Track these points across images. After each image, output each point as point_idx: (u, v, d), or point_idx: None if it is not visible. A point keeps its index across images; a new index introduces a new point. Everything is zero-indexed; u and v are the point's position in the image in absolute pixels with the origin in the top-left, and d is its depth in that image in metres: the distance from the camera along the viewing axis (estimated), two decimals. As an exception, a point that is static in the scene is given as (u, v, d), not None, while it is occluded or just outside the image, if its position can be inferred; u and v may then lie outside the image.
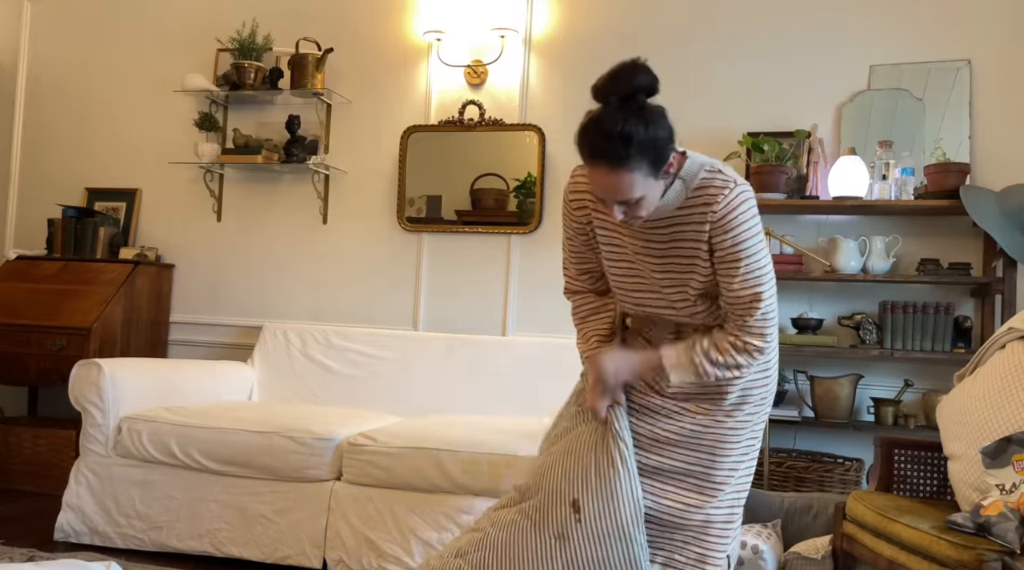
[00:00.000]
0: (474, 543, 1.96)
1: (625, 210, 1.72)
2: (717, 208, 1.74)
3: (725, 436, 1.91)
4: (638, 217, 1.74)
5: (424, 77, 4.17)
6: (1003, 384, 2.27)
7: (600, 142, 1.64)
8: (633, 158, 1.64)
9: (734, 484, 1.94)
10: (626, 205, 1.71)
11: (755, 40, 3.77)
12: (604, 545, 1.86)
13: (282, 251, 4.33)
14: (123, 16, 4.66)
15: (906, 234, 3.53)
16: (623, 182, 1.66)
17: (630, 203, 1.70)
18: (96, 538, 3.20)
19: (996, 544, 1.85)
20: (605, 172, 1.66)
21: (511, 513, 1.98)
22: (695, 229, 1.78)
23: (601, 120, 1.65)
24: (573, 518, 1.88)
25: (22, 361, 3.97)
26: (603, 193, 1.70)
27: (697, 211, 1.77)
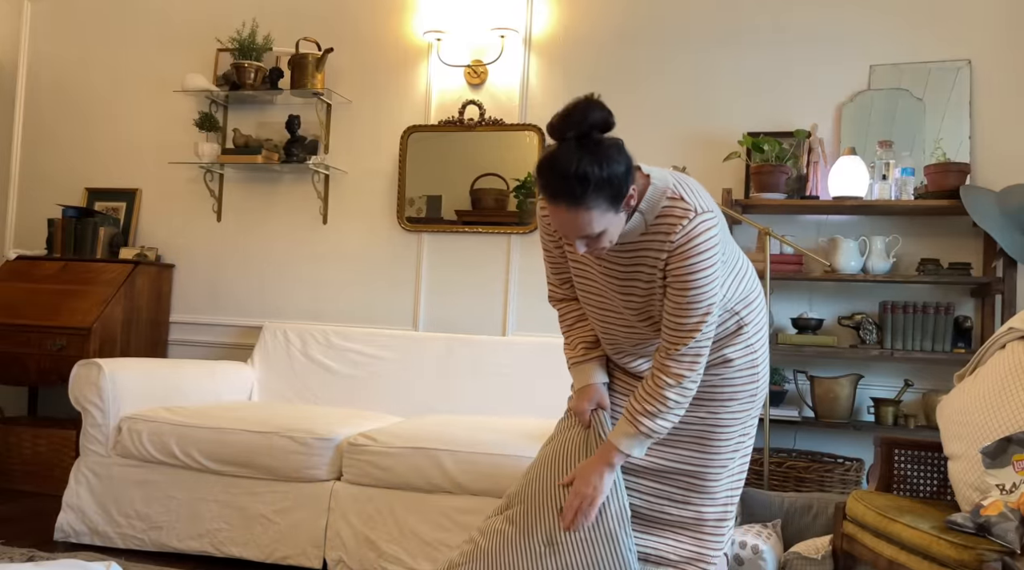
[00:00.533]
0: (465, 555, 1.97)
1: (587, 243, 1.74)
2: (674, 237, 1.75)
3: (713, 433, 1.92)
4: (601, 248, 1.76)
5: (424, 77, 4.17)
6: (1003, 384, 2.27)
7: (557, 182, 1.66)
8: (590, 196, 1.65)
9: (726, 482, 1.94)
10: (587, 239, 1.73)
11: (755, 40, 3.77)
12: (592, 549, 1.87)
13: (282, 251, 4.33)
14: (123, 16, 4.66)
15: (906, 234, 3.53)
16: (582, 219, 1.68)
17: (591, 237, 1.72)
18: (96, 538, 3.20)
19: (996, 544, 1.85)
20: (564, 210, 1.68)
21: (499, 521, 1.98)
22: (654, 256, 1.80)
23: (557, 159, 1.66)
24: (560, 524, 1.89)
25: (22, 361, 3.97)
26: (564, 230, 1.72)
27: (657, 239, 1.79)
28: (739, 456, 1.97)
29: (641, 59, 3.90)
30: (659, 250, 1.79)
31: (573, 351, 2.06)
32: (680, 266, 1.76)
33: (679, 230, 1.75)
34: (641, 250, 1.82)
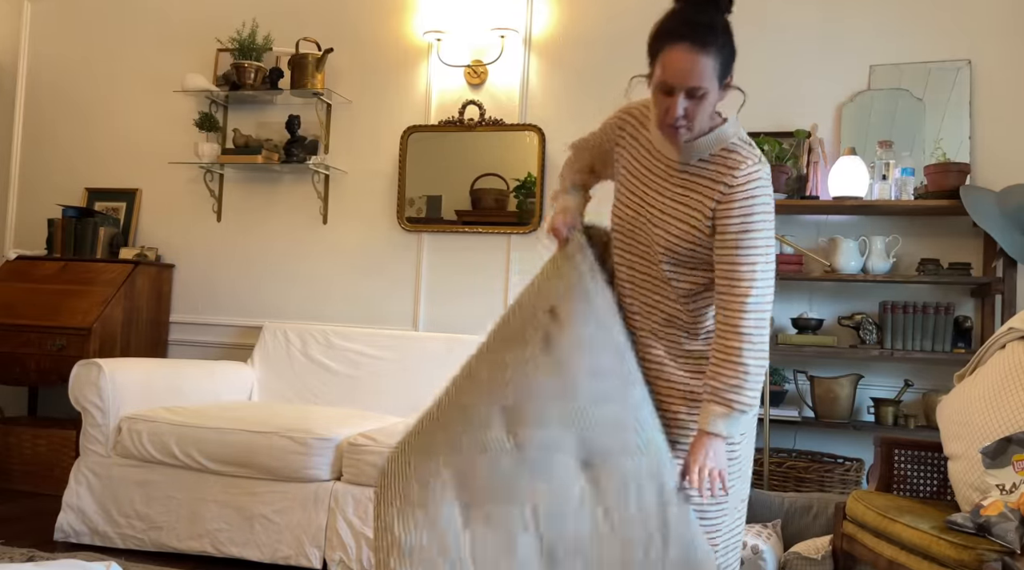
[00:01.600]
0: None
1: (687, 108, 1.72)
2: (735, 177, 1.75)
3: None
4: (691, 123, 1.73)
5: (424, 77, 4.17)
6: (1003, 384, 2.27)
7: (686, 25, 1.69)
8: (713, 46, 1.68)
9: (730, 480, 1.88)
10: (690, 99, 1.71)
11: (755, 40, 3.77)
12: (589, 347, 1.78)
13: (282, 251, 4.33)
14: (123, 16, 4.66)
15: (906, 234, 3.53)
16: (699, 65, 1.68)
17: (695, 97, 1.70)
18: (96, 538, 3.20)
19: (996, 544, 1.85)
20: (685, 52, 1.68)
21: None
22: (705, 193, 1.78)
23: (688, 9, 1.72)
24: (552, 322, 1.78)
25: (22, 361, 3.97)
26: (677, 77, 1.69)
27: (713, 175, 1.78)
28: (736, 461, 1.89)
29: (641, 59, 3.87)
30: (711, 189, 1.77)
31: (567, 180, 2.09)
32: (736, 208, 1.74)
33: (741, 170, 1.75)
34: (696, 177, 1.80)
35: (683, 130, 1.75)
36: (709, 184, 1.78)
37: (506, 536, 1.67)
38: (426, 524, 1.65)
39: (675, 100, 1.71)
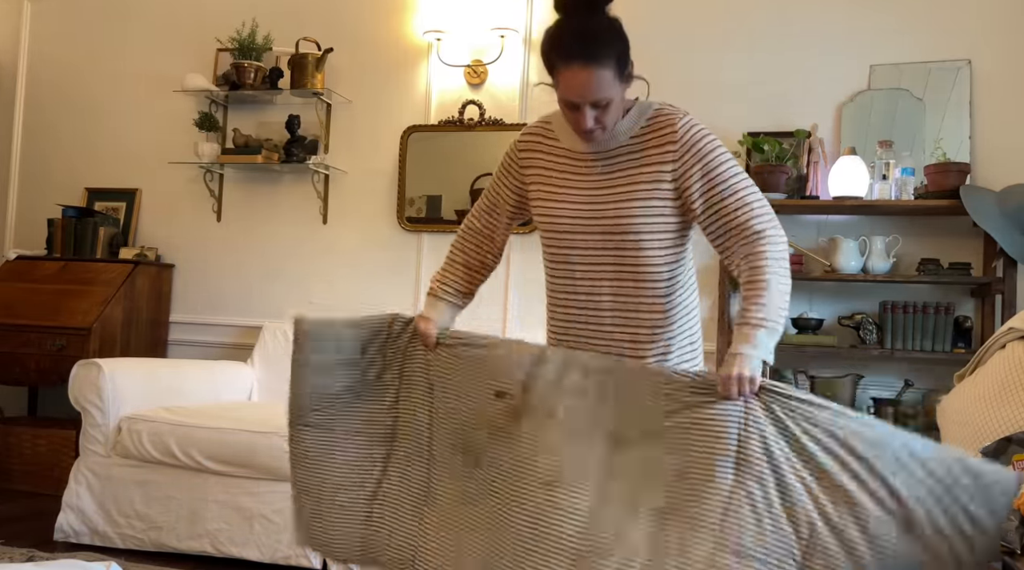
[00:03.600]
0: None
1: (596, 116, 1.75)
2: (677, 136, 1.78)
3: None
4: (604, 126, 1.77)
5: (424, 77, 4.17)
6: (1003, 384, 2.26)
7: (573, 42, 1.71)
8: (604, 54, 1.70)
9: None
10: (597, 110, 1.74)
11: (755, 40, 3.77)
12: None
13: (282, 251, 4.33)
14: (123, 16, 4.66)
15: (906, 234, 3.53)
16: (596, 79, 1.70)
17: (601, 106, 1.74)
18: (96, 538, 3.20)
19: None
20: (579, 69, 1.70)
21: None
22: (655, 166, 1.79)
23: (570, 23, 1.73)
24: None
25: (22, 361, 3.97)
26: (578, 94, 1.72)
27: (656, 145, 1.80)
28: None
29: (641, 59, 3.88)
30: (661, 154, 1.79)
31: (441, 284, 2.03)
32: (699, 158, 1.77)
33: (678, 124, 1.78)
34: (636, 152, 1.81)
35: (598, 133, 1.78)
36: (655, 152, 1.80)
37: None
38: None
39: (583, 113, 1.75)
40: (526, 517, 1.75)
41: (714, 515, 1.61)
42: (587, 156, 1.86)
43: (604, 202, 1.82)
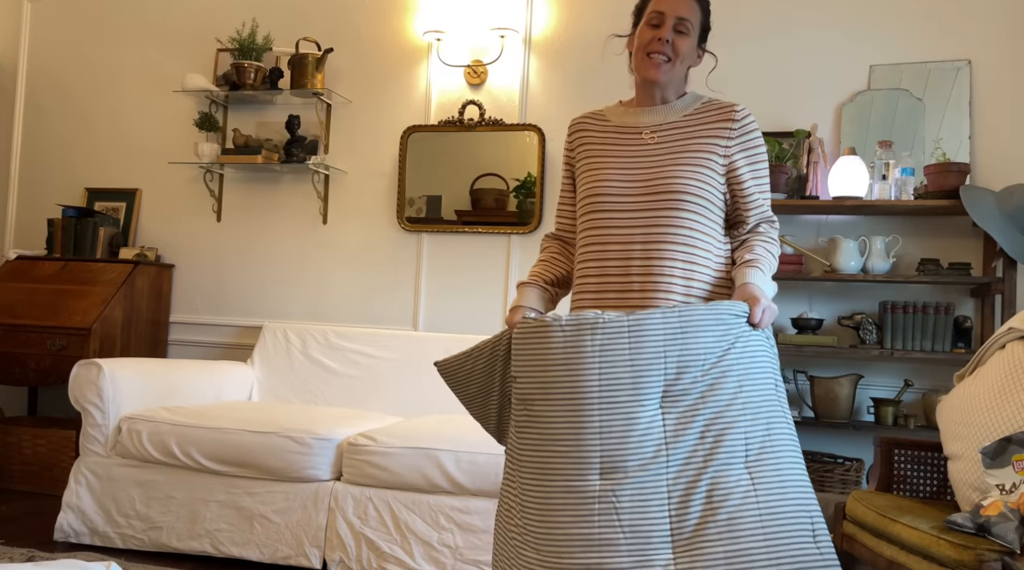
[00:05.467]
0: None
1: (674, 40, 1.89)
2: (736, 120, 1.93)
3: None
4: (676, 54, 1.90)
5: (424, 77, 4.17)
6: (1003, 384, 2.26)
7: None
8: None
9: None
10: (677, 28, 1.89)
11: (755, 40, 3.77)
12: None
13: (282, 251, 4.33)
14: (123, 16, 4.66)
15: (906, 234, 3.53)
16: (689, 3, 1.90)
17: (680, 31, 1.89)
18: (96, 538, 3.20)
19: (996, 544, 1.85)
20: None
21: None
22: (711, 141, 1.91)
23: None
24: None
25: (22, 361, 3.97)
26: (668, 6, 1.88)
27: (713, 114, 1.93)
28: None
29: (641, 59, 3.90)
30: (718, 130, 1.92)
31: (532, 276, 2.05)
32: (751, 145, 1.94)
33: (738, 111, 1.94)
34: (693, 126, 1.92)
35: (664, 62, 1.89)
36: (713, 126, 1.91)
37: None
38: None
39: (664, 29, 1.88)
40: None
41: (793, 445, 1.74)
42: (639, 130, 1.94)
43: (656, 166, 1.89)
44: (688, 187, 1.85)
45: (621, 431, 1.65)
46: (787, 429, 1.75)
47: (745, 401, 1.70)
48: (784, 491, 1.66)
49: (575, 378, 1.68)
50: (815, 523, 1.65)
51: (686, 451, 1.65)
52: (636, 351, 1.67)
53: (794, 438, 1.75)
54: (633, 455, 1.64)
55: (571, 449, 1.67)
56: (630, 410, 1.65)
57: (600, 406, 1.66)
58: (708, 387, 1.68)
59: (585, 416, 1.66)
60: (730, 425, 1.68)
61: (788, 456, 1.71)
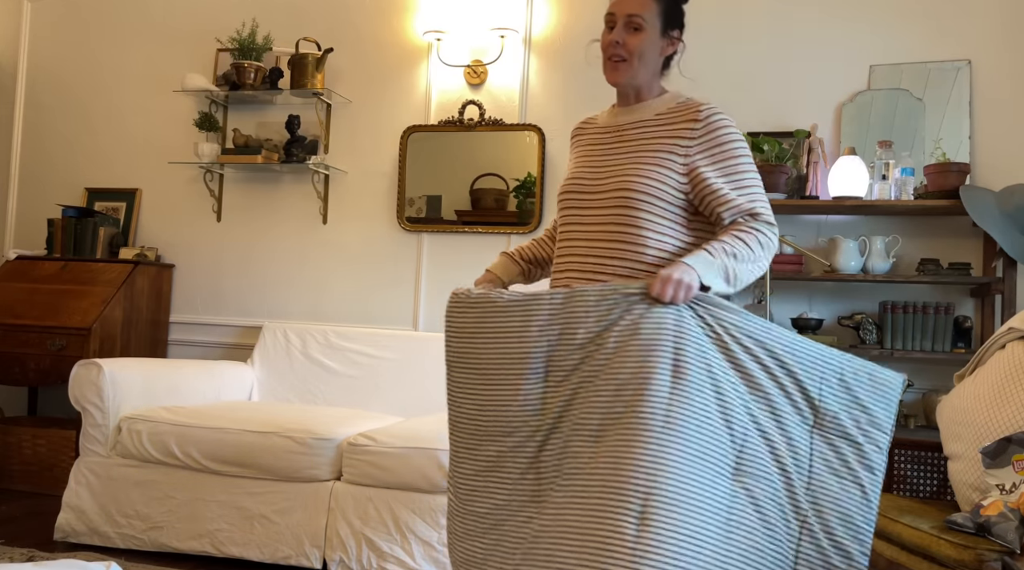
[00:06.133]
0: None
1: (624, 37, 1.88)
2: (700, 118, 1.87)
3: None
4: (628, 52, 1.89)
5: (424, 77, 4.17)
6: (1003, 384, 2.26)
7: None
8: None
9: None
10: (628, 31, 1.88)
11: (755, 40, 3.77)
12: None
13: (282, 251, 4.33)
14: (123, 16, 4.66)
15: (906, 234, 3.53)
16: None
17: (632, 27, 1.88)
18: (96, 538, 3.20)
19: (996, 544, 1.85)
20: None
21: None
22: (673, 141, 1.88)
23: None
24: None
25: (22, 361, 3.97)
26: (618, 5, 1.88)
27: (677, 115, 1.90)
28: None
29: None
30: (679, 130, 1.88)
31: (514, 250, 2.22)
32: (716, 142, 1.86)
33: (703, 109, 1.88)
34: (659, 126, 1.91)
35: (622, 64, 1.90)
36: (676, 127, 1.89)
37: None
38: None
39: (617, 29, 1.89)
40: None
41: (656, 423, 1.63)
42: (616, 128, 1.96)
43: (616, 164, 1.91)
44: (638, 185, 1.86)
45: (507, 400, 1.81)
46: (659, 408, 1.62)
47: (610, 376, 1.70)
48: (617, 468, 1.60)
49: (478, 349, 1.88)
50: (647, 508, 1.55)
51: (553, 419, 1.76)
52: (525, 327, 1.81)
53: (681, 420, 1.62)
54: (516, 422, 1.80)
55: (472, 414, 1.89)
56: (515, 382, 1.80)
57: (496, 376, 1.84)
58: (579, 361, 1.75)
59: (483, 384, 1.87)
60: (587, 399, 1.72)
61: (646, 435, 1.61)
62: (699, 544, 1.54)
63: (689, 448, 1.61)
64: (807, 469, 1.72)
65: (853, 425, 1.75)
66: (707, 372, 1.68)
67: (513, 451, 1.80)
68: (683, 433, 1.62)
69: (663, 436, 1.61)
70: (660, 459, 1.59)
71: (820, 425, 1.74)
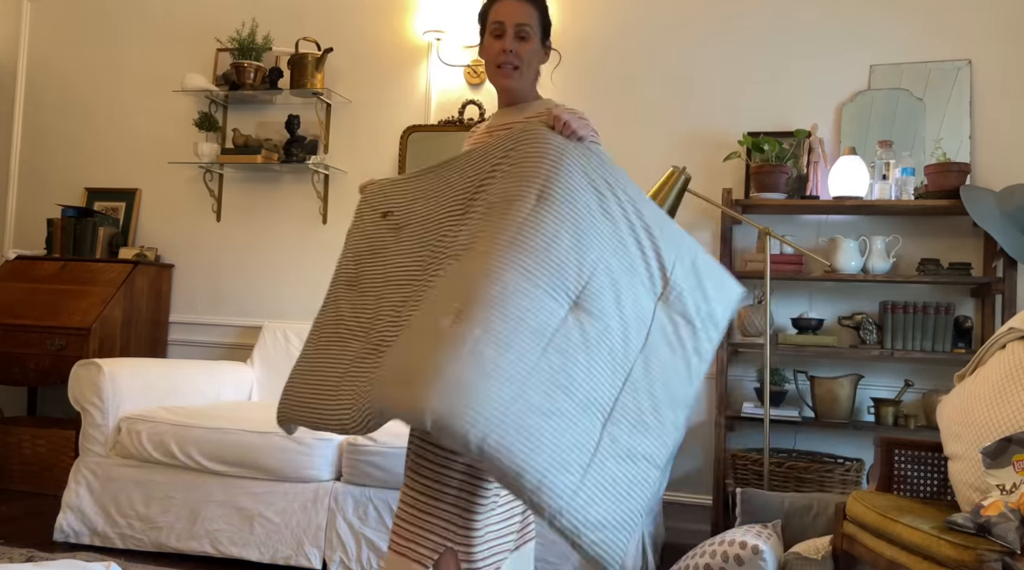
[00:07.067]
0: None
1: (515, 45, 2.01)
2: (550, 111, 1.93)
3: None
4: (520, 60, 2.02)
5: (424, 77, 4.16)
6: (1003, 384, 2.26)
7: None
8: (535, 1, 2.04)
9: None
10: (518, 40, 2.01)
11: (755, 40, 3.77)
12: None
13: (282, 251, 4.33)
14: (123, 16, 4.66)
15: (906, 234, 3.53)
16: (526, 9, 2.02)
17: (522, 37, 2.01)
18: (95, 538, 3.20)
19: (996, 544, 1.84)
20: (514, 1, 2.02)
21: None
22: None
23: None
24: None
25: (22, 361, 3.96)
26: (508, 15, 2.01)
27: (538, 118, 1.97)
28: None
29: (641, 59, 3.90)
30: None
31: None
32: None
33: (552, 110, 1.95)
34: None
35: (512, 69, 2.02)
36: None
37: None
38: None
39: (507, 37, 2.01)
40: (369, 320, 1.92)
41: (503, 239, 1.65)
42: (490, 130, 2.09)
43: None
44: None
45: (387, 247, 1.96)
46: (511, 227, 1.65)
47: (484, 200, 1.76)
48: (455, 279, 1.65)
49: (433, 208, 1.92)
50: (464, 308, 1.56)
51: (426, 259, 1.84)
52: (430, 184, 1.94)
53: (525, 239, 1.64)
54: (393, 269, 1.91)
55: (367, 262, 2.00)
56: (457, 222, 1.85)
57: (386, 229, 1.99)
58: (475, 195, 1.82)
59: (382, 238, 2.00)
60: (468, 223, 1.77)
61: (490, 250, 1.63)
62: (504, 348, 1.53)
63: (524, 264, 1.62)
64: (647, 330, 1.77)
65: (694, 309, 1.84)
66: (570, 204, 1.71)
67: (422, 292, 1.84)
68: (522, 250, 1.63)
69: (504, 251, 1.62)
70: (492, 270, 1.60)
71: (666, 298, 1.81)
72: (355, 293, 1.99)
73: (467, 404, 1.44)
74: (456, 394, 1.44)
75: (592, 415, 1.61)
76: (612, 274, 1.72)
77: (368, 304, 1.93)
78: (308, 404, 1.90)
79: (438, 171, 1.94)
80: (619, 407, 1.66)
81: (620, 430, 1.65)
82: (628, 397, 1.68)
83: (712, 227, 3.74)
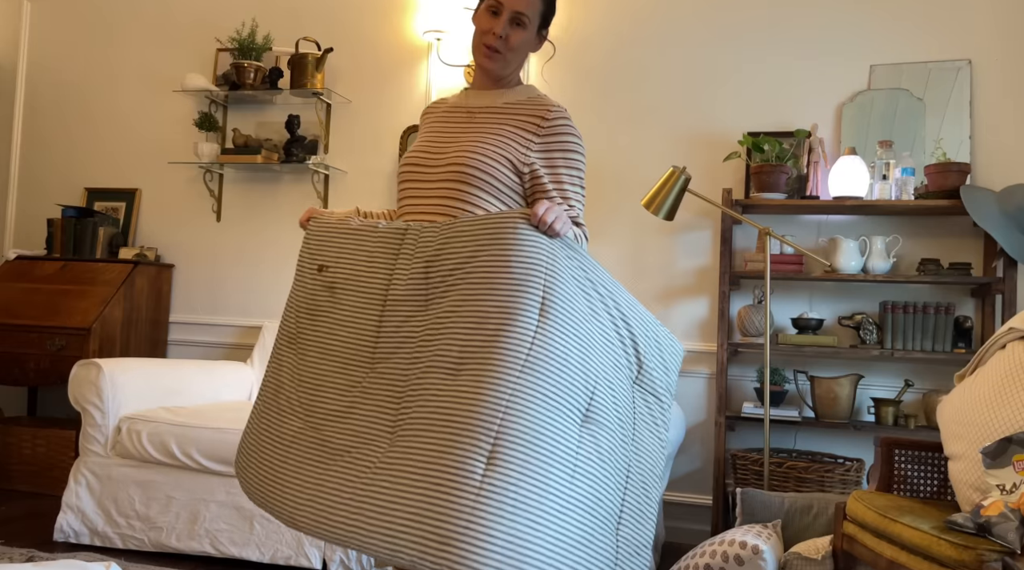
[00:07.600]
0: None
1: (508, 32, 1.93)
2: (551, 115, 1.93)
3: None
4: (509, 48, 1.94)
5: (424, 77, 4.17)
6: (1003, 384, 2.26)
7: None
8: None
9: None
10: (512, 27, 1.93)
11: (755, 40, 3.77)
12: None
13: (282, 251, 4.33)
14: (123, 16, 4.66)
15: (906, 234, 3.53)
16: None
17: (517, 25, 1.93)
18: (96, 538, 3.20)
19: (996, 544, 1.84)
20: None
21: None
22: (523, 121, 1.95)
23: None
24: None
25: (22, 361, 3.97)
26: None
27: (529, 109, 1.96)
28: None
29: (641, 59, 3.90)
30: (527, 123, 1.94)
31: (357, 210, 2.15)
32: (559, 146, 1.92)
33: (555, 111, 1.94)
34: (509, 115, 1.96)
35: (498, 55, 1.94)
36: (523, 121, 1.94)
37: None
38: None
39: (501, 20, 1.92)
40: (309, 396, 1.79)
41: (516, 362, 1.58)
42: (466, 109, 2.01)
43: (458, 143, 1.95)
44: (474, 161, 1.89)
45: (367, 326, 1.78)
46: (522, 347, 1.58)
47: (473, 308, 1.64)
48: (472, 404, 1.54)
49: (372, 276, 1.81)
50: (496, 448, 1.51)
51: (416, 348, 1.70)
52: (406, 258, 1.78)
53: (541, 361, 1.59)
54: (384, 350, 1.74)
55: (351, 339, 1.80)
56: (376, 309, 1.77)
57: (357, 304, 1.81)
58: (445, 289, 1.71)
59: (370, 312, 1.80)
60: (449, 330, 1.66)
61: (504, 374, 1.56)
62: (544, 489, 1.51)
63: (545, 391, 1.58)
64: (632, 421, 1.78)
65: (662, 385, 1.87)
66: (572, 316, 1.67)
67: (373, 382, 1.72)
68: (541, 375, 1.58)
69: (521, 376, 1.56)
70: (515, 399, 1.54)
71: (640, 380, 1.83)
72: (295, 355, 1.86)
73: (522, 561, 1.46)
74: (508, 553, 1.45)
75: (610, 525, 1.65)
76: (608, 377, 1.73)
77: (305, 377, 1.81)
78: (262, 476, 1.78)
79: (377, 233, 1.83)
80: (626, 508, 1.71)
81: (629, 529, 1.70)
82: (632, 496, 1.74)
83: (712, 227, 3.74)
